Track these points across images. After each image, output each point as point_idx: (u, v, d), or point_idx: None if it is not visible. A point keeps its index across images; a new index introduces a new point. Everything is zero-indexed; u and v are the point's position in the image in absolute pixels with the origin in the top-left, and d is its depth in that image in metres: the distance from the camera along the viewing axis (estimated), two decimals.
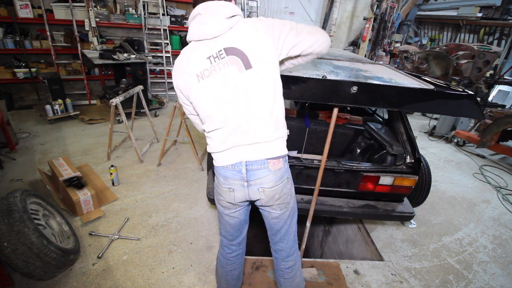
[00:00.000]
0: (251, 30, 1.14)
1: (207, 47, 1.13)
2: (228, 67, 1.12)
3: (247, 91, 1.14)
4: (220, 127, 1.20)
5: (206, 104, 1.18)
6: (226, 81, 1.13)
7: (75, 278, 1.87)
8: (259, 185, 1.26)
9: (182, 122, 3.22)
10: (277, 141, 1.24)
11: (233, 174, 1.25)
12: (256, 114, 1.18)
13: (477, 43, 7.15)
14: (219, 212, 1.44)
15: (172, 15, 5.99)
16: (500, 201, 3.26)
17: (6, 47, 4.67)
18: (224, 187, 1.30)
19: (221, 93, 1.15)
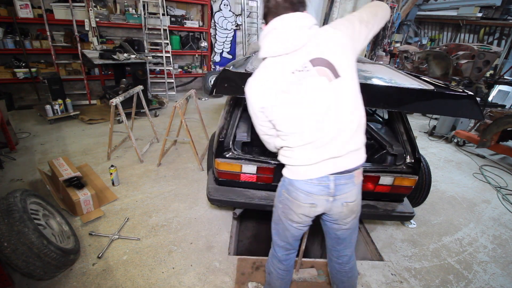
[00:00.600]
0: (331, 38, 1.11)
1: (289, 61, 1.09)
2: (316, 79, 1.07)
3: (338, 101, 1.11)
4: (309, 142, 1.14)
5: (294, 121, 1.13)
6: (315, 94, 1.09)
7: (75, 278, 1.87)
8: (344, 200, 1.24)
9: (182, 122, 3.22)
10: (362, 148, 1.23)
11: (320, 190, 1.20)
12: (348, 124, 1.14)
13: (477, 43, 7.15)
14: (283, 225, 1.37)
15: (172, 15, 5.99)
16: (500, 201, 3.26)
17: (6, 47, 4.68)
18: (306, 203, 1.23)
19: (311, 107, 1.10)
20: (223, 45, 7.05)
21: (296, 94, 1.09)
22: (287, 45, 1.08)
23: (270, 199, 2.08)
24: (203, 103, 6.20)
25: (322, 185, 1.20)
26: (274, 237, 1.48)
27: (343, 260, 1.50)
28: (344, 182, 1.21)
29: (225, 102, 2.42)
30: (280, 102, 1.11)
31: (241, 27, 6.79)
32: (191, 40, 6.57)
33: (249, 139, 2.22)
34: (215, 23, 6.67)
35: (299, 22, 1.08)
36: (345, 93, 1.12)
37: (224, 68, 1.65)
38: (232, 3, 6.66)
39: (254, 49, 2.66)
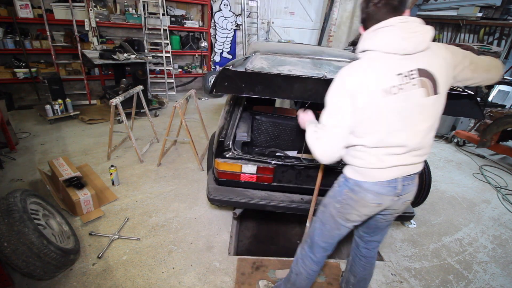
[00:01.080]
0: (441, 54, 1.14)
1: (398, 63, 1.09)
2: (416, 89, 1.08)
3: (427, 116, 1.14)
4: (388, 146, 1.15)
5: (381, 121, 1.12)
6: (411, 103, 1.09)
7: (75, 278, 1.87)
8: (405, 198, 1.32)
9: (182, 122, 3.22)
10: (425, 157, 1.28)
11: (389, 191, 1.24)
12: (427, 141, 1.19)
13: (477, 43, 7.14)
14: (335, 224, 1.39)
15: (172, 15, 5.99)
16: (500, 201, 3.26)
17: (6, 47, 4.67)
18: (373, 203, 1.26)
19: (402, 114, 1.10)
20: (223, 45, 7.05)
21: (395, 96, 1.08)
22: (409, 46, 1.06)
23: (270, 199, 2.08)
24: (203, 103, 6.20)
25: (391, 186, 1.24)
26: (317, 237, 1.48)
27: (372, 246, 1.61)
28: (408, 183, 1.28)
29: (225, 102, 2.42)
30: (375, 97, 1.09)
31: (241, 27, 6.79)
32: (191, 40, 6.57)
33: (249, 139, 2.22)
34: (215, 23, 6.67)
35: (424, 30, 1.07)
36: (435, 112, 1.16)
37: (224, 67, 1.65)
38: (232, 3, 6.66)
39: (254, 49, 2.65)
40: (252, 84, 1.55)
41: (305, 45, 3.98)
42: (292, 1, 7.37)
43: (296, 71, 1.84)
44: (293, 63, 2.16)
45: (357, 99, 1.11)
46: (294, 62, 2.19)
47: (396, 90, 1.08)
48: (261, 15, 7.07)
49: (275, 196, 2.11)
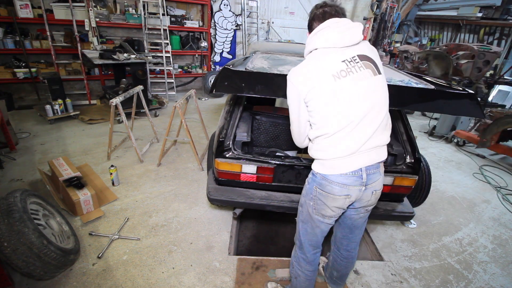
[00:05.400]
0: (371, 48, 1.31)
1: (339, 53, 1.22)
2: (363, 70, 1.21)
3: (376, 94, 1.24)
4: (344, 127, 1.22)
5: (337, 104, 1.21)
6: (362, 82, 1.21)
7: (75, 278, 1.87)
8: (373, 188, 1.36)
9: (182, 122, 3.22)
10: (386, 145, 1.36)
11: (354, 180, 1.29)
12: (380, 118, 1.26)
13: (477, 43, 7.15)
14: (313, 222, 1.44)
15: (172, 15, 6.00)
16: (500, 201, 3.26)
17: (6, 47, 4.68)
18: (341, 195, 1.31)
19: (356, 93, 1.20)
20: (223, 45, 7.05)
21: (345, 79, 1.19)
22: (345, 39, 1.21)
23: (270, 199, 2.08)
24: (203, 103, 6.20)
25: (356, 176, 1.29)
26: (303, 237, 1.53)
27: (352, 247, 1.65)
28: (373, 171, 1.33)
29: (225, 102, 2.42)
30: (327, 84, 1.19)
31: (241, 27, 6.80)
32: (191, 40, 6.57)
33: (249, 139, 2.22)
34: (215, 23, 6.67)
35: (355, 27, 1.24)
36: (383, 90, 1.28)
37: (224, 67, 1.65)
38: (232, 3, 6.66)
39: (254, 49, 2.65)
40: (252, 83, 1.55)
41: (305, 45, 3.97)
42: (292, 1, 7.37)
43: None
44: (293, 62, 2.16)
45: (306, 92, 1.22)
46: (294, 61, 2.19)
47: (345, 73, 1.19)
48: (261, 15, 7.08)
49: (275, 196, 2.11)
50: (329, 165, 1.29)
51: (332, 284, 1.90)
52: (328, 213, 1.38)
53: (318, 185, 1.34)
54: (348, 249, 1.66)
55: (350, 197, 1.32)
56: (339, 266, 1.75)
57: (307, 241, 1.52)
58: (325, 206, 1.35)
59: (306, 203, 1.44)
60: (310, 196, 1.40)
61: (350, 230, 1.57)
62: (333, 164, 1.28)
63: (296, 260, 1.61)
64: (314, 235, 1.49)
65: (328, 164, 1.29)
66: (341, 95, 1.19)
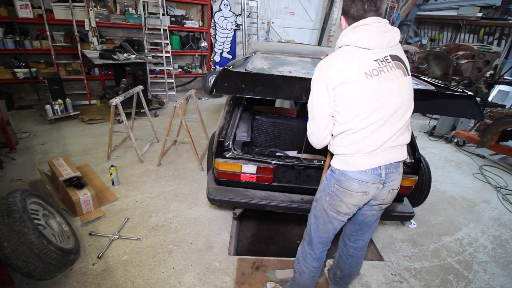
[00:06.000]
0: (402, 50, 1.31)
1: (372, 52, 1.20)
2: (395, 70, 1.22)
3: (404, 94, 1.25)
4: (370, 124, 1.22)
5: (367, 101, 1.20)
6: (393, 82, 1.21)
7: (75, 278, 1.87)
8: (391, 187, 1.36)
9: (182, 122, 3.22)
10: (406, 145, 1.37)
11: (373, 178, 1.29)
12: (405, 118, 1.28)
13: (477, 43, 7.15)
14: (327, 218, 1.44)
15: (172, 15, 5.99)
16: (500, 201, 3.26)
17: (6, 47, 4.67)
18: (359, 191, 1.31)
19: (386, 92, 1.20)
20: (223, 45, 7.05)
21: (377, 77, 1.19)
22: (383, 42, 1.20)
23: (270, 199, 2.08)
24: (203, 103, 6.20)
25: (375, 173, 1.29)
26: (313, 233, 1.53)
27: (359, 245, 1.64)
28: (392, 171, 1.33)
29: (225, 102, 2.42)
30: (358, 81, 1.18)
31: (241, 27, 6.79)
32: (191, 40, 6.57)
33: (249, 139, 2.22)
34: (215, 23, 6.67)
35: (391, 29, 1.23)
36: (410, 91, 1.29)
37: (224, 68, 1.65)
38: (232, 3, 6.66)
39: (254, 49, 2.65)
40: (252, 84, 1.55)
41: (305, 45, 3.98)
42: (292, 1, 7.37)
43: (296, 71, 1.84)
44: (293, 63, 2.16)
45: (336, 85, 1.19)
46: (294, 62, 2.19)
47: (377, 72, 1.19)
48: (261, 15, 7.07)
49: (275, 196, 2.11)
50: (349, 161, 1.29)
51: (333, 286, 1.88)
52: (344, 210, 1.38)
53: (336, 181, 1.34)
54: (355, 246, 1.64)
55: (368, 194, 1.32)
56: (343, 265, 1.73)
57: (317, 237, 1.52)
58: (342, 202, 1.36)
59: (322, 198, 1.43)
60: (327, 191, 1.40)
61: (361, 227, 1.57)
62: (353, 160, 1.28)
63: (303, 255, 1.61)
64: (325, 232, 1.49)
65: (348, 160, 1.29)
66: (372, 93, 1.19)
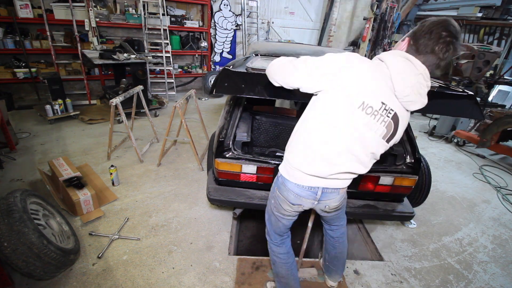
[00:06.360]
0: (404, 127, 1.24)
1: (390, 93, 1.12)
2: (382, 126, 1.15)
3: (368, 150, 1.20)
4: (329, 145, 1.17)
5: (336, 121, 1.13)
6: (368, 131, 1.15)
7: (75, 278, 1.87)
8: (327, 204, 1.39)
9: (182, 122, 3.22)
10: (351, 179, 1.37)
11: (308, 195, 1.32)
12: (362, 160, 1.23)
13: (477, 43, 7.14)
14: (275, 216, 1.50)
15: (172, 15, 5.99)
16: (500, 201, 3.26)
17: (6, 47, 4.67)
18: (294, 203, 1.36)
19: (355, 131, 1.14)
20: (223, 45, 7.05)
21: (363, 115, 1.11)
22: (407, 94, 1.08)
23: None
24: (203, 103, 6.20)
25: (311, 191, 1.31)
26: (268, 226, 1.61)
27: (334, 228, 1.71)
28: (330, 192, 1.34)
29: (225, 102, 2.42)
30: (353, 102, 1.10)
31: (241, 27, 6.79)
32: (191, 40, 6.57)
33: (249, 139, 2.22)
34: (215, 23, 6.67)
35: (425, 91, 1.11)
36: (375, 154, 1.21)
37: (224, 68, 1.65)
38: (232, 3, 6.66)
39: (254, 49, 2.65)
40: (252, 84, 1.55)
41: (305, 45, 3.98)
42: (292, 1, 7.37)
43: None
44: None
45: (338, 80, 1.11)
46: None
47: (370, 111, 1.11)
48: (261, 15, 7.07)
49: None
50: (291, 172, 1.30)
51: (327, 273, 1.93)
52: (286, 213, 1.44)
53: (278, 188, 1.40)
54: (332, 229, 1.71)
55: (303, 207, 1.38)
56: (328, 246, 1.79)
57: (272, 230, 1.59)
58: (281, 207, 1.42)
59: (270, 199, 1.51)
60: (273, 194, 1.47)
61: (329, 221, 1.66)
62: (294, 173, 1.29)
63: (269, 247, 1.66)
64: (277, 227, 1.55)
65: (291, 171, 1.30)
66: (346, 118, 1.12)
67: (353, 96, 1.10)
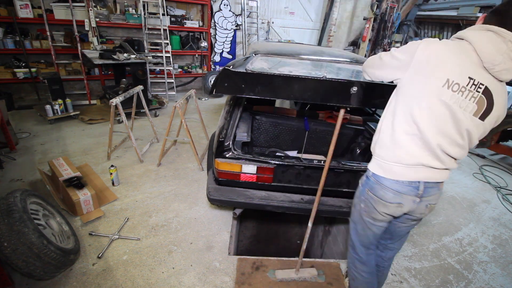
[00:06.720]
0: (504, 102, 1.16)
1: (476, 67, 1.07)
2: (471, 103, 1.09)
3: (460, 131, 1.15)
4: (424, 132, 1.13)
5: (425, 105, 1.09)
6: (458, 110, 1.10)
7: (75, 278, 1.87)
8: (429, 202, 1.28)
9: (182, 122, 3.22)
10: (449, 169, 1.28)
11: (410, 190, 1.23)
12: (453, 151, 1.17)
13: None
14: (364, 223, 1.40)
15: (172, 15, 5.99)
16: (500, 201, 3.26)
17: (6, 47, 4.67)
18: (393, 202, 1.25)
19: (445, 112, 1.10)
20: (223, 45, 7.05)
21: (450, 93, 1.07)
22: (498, 63, 1.03)
23: (270, 199, 2.08)
24: (203, 103, 6.20)
25: (412, 186, 1.22)
26: (354, 237, 1.49)
27: (387, 255, 1.57)
28: (431, 186, 1.25)
29: (225, 102, 2.42)
30: (437, 82, 1.07)
31: (241, 27, 6.79)
32: (191, 40, 6.57)
33: (249, 139, 2.22)
34: (215, 23, 6.67)
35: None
36: (470, 134, 1.15)
37: (224, 68, 1.65)
38: (232, 3, 6.66)
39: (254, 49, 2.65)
40: (252, 84, 1.55)
41: (305, 45, 3.98)
42: (292, 1, 7.37)
43: (296, 71, 1.84)
44: (293, 63, 2.16)
45: (419, 63, 1.08)
46: (294, 62, 2.19)
47: (456, 88, 1.06)
48: (261, 15, 7.07)
49: (275, 196, 2.11)
50: (388, 168, 1.22)
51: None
52: (379, 218, 1.34)
53: (370, 189, 1.30)
54: (383, 256, 1.59)
55: (402, 206, 1.26)
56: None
57: (358, 241, 1.48)
58: (375, 210, 1.31)
59: (357, 204, 1.40)
60: (362, 198, 1.36)
61: (391, 236, 1.50)
62: (392, 168, 1.22)
63: (351, 261, 1.56)
64: (365, 237, 1.45)
65: (387, 167, 1.23)
66: (433, 100, 1.09)
67: (435, 75, 1.07)
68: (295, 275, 2.00)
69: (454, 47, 1.08)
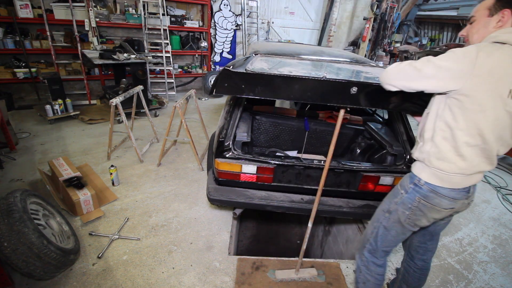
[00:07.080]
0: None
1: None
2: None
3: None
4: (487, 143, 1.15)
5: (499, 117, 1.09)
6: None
7: (75, 278, 1.87)
8: (472, 199, 1.32)
9: (182, 122, 3.22)
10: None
11: (463, 195, 1.26)
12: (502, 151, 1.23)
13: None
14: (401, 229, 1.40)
15: (172, 15, 6.00)
16: (500, 201, 3.26)
17: (6, 47, 4.68)
18: (447, 208, 1.27)
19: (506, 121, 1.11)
20: (223, 45, 7.05)
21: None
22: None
23: (270, 199, 2.08)
24: (203, 103, 6.20)
25: (465, 191, 1.26)
26: (380, 243, 1.47)
27: (428, 256, 1.60)
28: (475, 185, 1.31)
29: (225, 102, 2.42)
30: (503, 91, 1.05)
31: (241, 27, 6.79)
32: (191, 40, 6.57)
33: (249, 139, 2.22)
34: (215, 23, 6.67)
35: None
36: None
37: (224, 68, 1.65)
38: (232, 3, 6.66)
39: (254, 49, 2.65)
40: (252, 85, 1.55)
41: (305, 45, 3.98)
42: (292, 1, 7.38)
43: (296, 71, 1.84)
44: (293, 63, 2.16)
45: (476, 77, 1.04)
46: (294, 62, 2.19)
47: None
48: (261, 15, 7.08)
49: (275, 196, 2.11)
50: (447, 178, 1.22)
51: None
52: (423, 223, 1.34)
53: (423, 197, 1.27)
54: (424, 258, 1.60)
55: (454, 209, 1.29)
56: (411, 279, 1.67)
57: (383, 246, 1.47)
58: (425, 217, 1.31)
59: (400, 211, 1.36)
60: (408, 206, 1.32)
61: (431, 237, 1.53)
62: (452, 179, 1.21)
63: (364, 264, 1.55)
64: (394, 242, 1.45)
65: (446, 178, 1.22)
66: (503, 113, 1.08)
67: (501, 87, 1.05)
68: (295, 275, 2.00)
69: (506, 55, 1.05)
